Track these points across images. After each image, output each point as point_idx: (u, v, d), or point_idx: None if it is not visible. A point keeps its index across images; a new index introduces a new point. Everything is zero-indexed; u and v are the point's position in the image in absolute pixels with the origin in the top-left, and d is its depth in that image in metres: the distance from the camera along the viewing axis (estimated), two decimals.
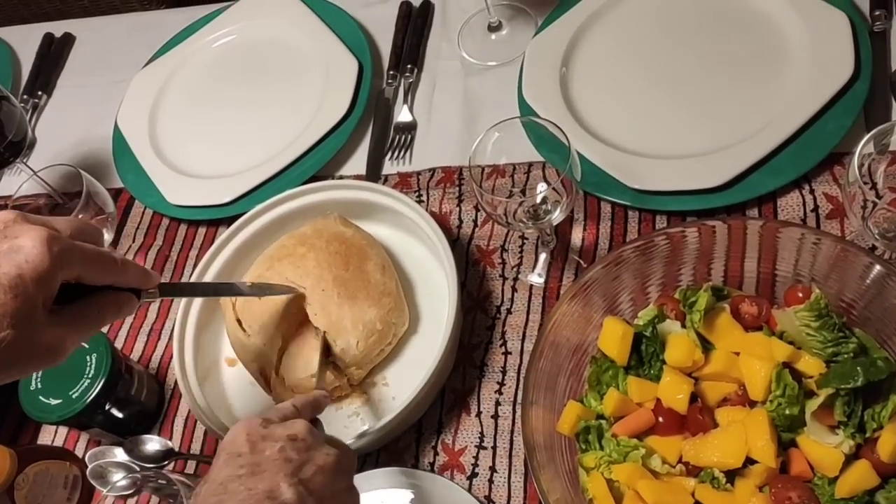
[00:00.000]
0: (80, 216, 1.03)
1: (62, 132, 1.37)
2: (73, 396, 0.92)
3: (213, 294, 1.01)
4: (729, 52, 1.05)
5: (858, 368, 0.70)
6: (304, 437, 0.67)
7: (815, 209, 0.93)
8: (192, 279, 1.04)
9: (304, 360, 0.94)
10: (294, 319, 0.96)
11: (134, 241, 1.19)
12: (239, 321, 0.96)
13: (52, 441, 1.05)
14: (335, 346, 0.93)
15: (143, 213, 1.22)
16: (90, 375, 0.93)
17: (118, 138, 1.28)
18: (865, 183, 0.83)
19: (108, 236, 1.06)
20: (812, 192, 0.94)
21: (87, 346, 0.95)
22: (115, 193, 1.24)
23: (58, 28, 1.51)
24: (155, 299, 0.76)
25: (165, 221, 1.20)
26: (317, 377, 0.90)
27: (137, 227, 1.21)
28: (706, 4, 1.10)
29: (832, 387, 0.71)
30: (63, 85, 1.45)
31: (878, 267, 0.75)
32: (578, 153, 0.98)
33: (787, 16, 1.03)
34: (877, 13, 1.02)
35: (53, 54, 1.47)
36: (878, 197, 0.85)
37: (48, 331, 0.63)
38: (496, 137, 0.89)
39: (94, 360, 0.93)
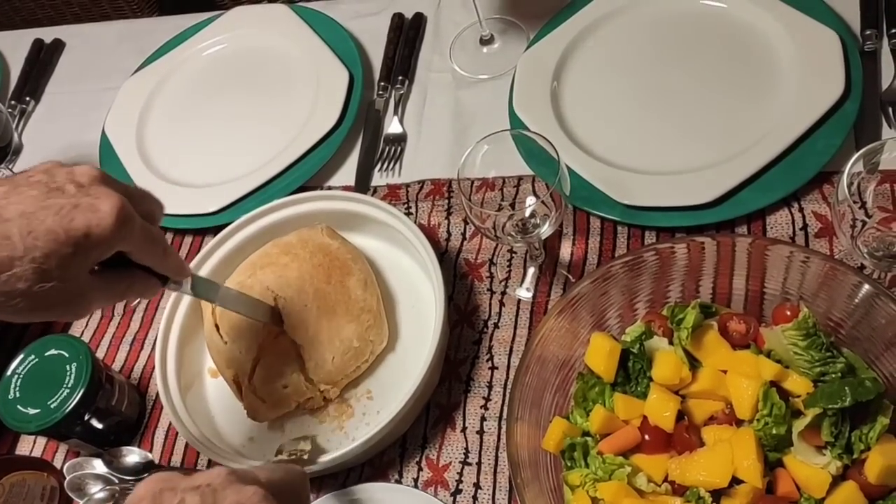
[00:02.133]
0: None
1: (50, 138, 1.36)
2: (52, 406, 0.91)
3: (237, 308, 0.93)
4: (719, 68, 1.05)
5: (846, 389, 0.69)
6: (214, 482, 0.55)
7: (805, 227, 0.92)
8: None
9: (278, 371, 0.93)
10: (272, 330, 0.95)
11: None
12: (217, 326, 0.95)
13: (31, 451, 1.03)
14: (310, 361, 0.92)
15: None
16: (69, 385, 0.91)
17: (105, 145, 1.27)
18: (855, 202, 0.83)
19: None
20: (801, 210, 0.93)
21: (66, 354, 0.93)
22: None
23: (48, 34, 1.50)
24: (178, 291, 0.80)
25: None
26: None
27: None
28: (697, 21, 1.10)
29: (819, 407, 0.70)
30: (52, 91, 1.44)
31: (866, 286, 0.75)
32: (568, 167, 0.98)
33: (778, 34, 1.03)
34: (867, 32, 1.02)
35: (43, 60, 1.46)
36: (868, 216, 0.85)
37: (83, 288, 0.66)
38: (485, 150, 0.89)
39: (73, 370, 0.92)
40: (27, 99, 1.40)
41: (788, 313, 0.78)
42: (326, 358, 0.92)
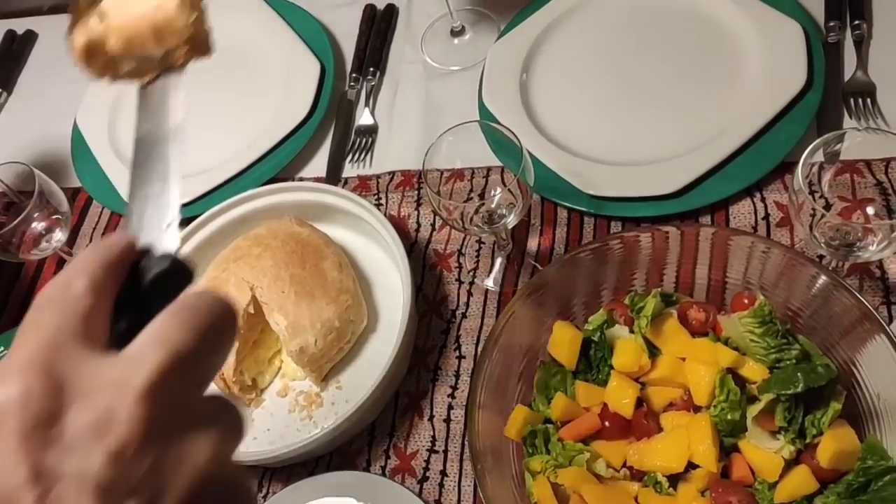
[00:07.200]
0: (34, 214, 1.03)
1: (21, 131, 1.36)
2: None
3: None
4: (684, 60, 1.06)
5: (799, 374, 0.70)
6: (129, 440, 0.32)
7: (766, 217, 0.94)
8: None
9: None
10: (254, 322, 0.95)
11: (91, 242, 1.18)
12: None
13: None
14: (293, 345, 0.92)
15: (101, 213, 1.21)
16: None
17: (77, 138, 1.27)
18: (814, 191, 0.84)
19: (62, 236, 1.05)
20: (763, 200, 0.95)
21: None
22: (73, 193, 1.23)
23: (20, 25, 1.50)
24: None
25: (123, 222, 1.19)
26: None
27: (95, 228, 1.20)
28: (662, 14, 1.11)
29: (773, 392, 0.71)
30: (23, 83, 1.43)
31: (823, 277, 0.76)
32: (536, 158, 0.99)
33: (742, 25, 1.04)
34: (831, 24, 1.03)
35: (15, 52, 1.46)
36: (827, 206, 0.86)
37: None
38: (451, 141, 0.90)
39: None
40: None
41: (746, 301, 0.79)
42: (310, 341, 0.92)
